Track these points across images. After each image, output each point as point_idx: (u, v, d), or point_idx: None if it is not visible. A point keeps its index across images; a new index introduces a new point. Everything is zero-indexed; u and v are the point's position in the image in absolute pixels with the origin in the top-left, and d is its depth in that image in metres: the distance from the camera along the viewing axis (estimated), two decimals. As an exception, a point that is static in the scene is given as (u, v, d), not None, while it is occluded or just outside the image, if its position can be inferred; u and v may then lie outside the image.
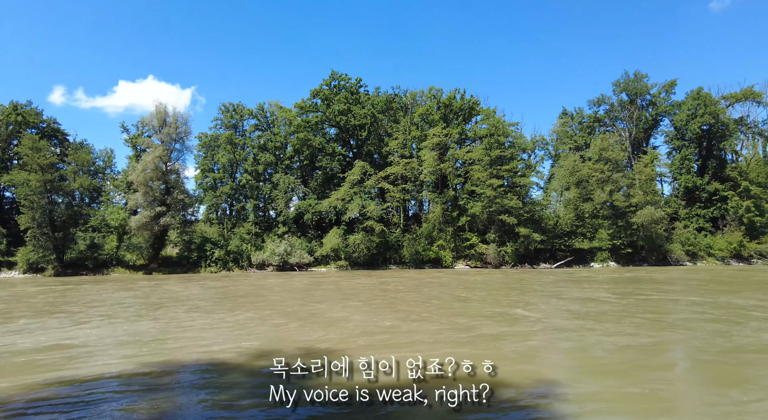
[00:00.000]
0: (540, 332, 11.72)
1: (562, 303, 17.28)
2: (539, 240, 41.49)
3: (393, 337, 11.07)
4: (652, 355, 9.28)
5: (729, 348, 9.59)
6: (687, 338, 10.69)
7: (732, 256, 43.83)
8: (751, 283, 24.96)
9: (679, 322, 12.85)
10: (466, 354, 9.01)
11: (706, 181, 47.85)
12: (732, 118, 50.96)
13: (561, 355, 9.43)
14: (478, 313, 14.71)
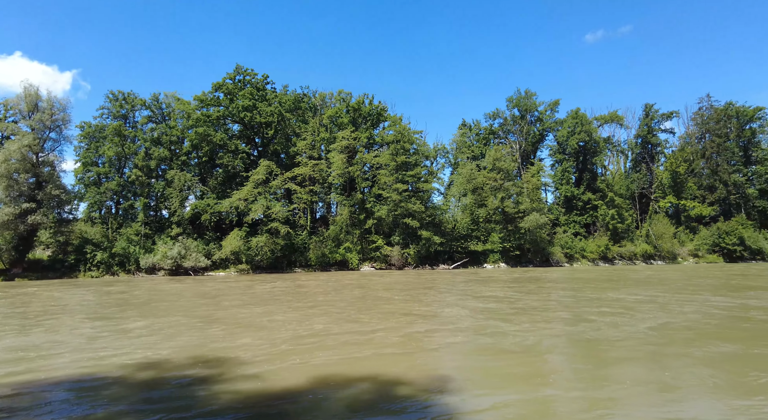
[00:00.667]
0: (467, 329, 12.37)
1: (479, 301, 18.48)
2: (439, 242, 43.68)
3: (323, 339, 10.99)
4: (566, 347, 10.26)
5: (623, 335, 10.96)
6: (594, 329, 11.99)
7: (600, 258, 50.11)
8: (628, 280, 28.68)
9: (586, 315, 14.31)
10: (394, 354, 9.21)
11: (582, 191, 54.17)
12: (602, 137, 58.44)
13: (481, 350, 9.95)
14: (409, 312, 15.20)
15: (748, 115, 58.46)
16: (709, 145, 58.12)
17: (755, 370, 8.15)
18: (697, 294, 20.10)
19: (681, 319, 13.45)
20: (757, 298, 18.34)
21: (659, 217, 53.38)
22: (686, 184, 55.52)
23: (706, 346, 10.14)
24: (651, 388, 7.33)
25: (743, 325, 12.54)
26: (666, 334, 11.45)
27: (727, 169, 56.49)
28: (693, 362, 8.84)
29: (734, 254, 50.11)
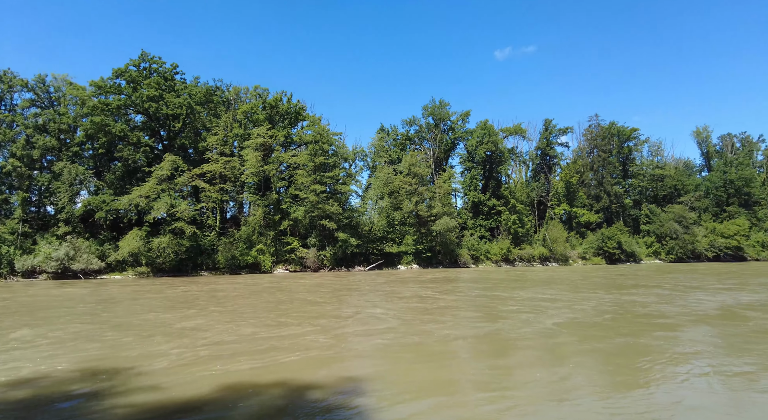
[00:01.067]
0: (394, 329, 12.54)
1: (404, 301, 18.99)
2: (356, 244, 44.01)
3: (250, 344, 10.48)
4: (489, 341, 10.77)
5: (538, 331, 11.82)
6: (510, 327, 12.75)
7: (502, 260, 53.88)
8: (532, 280, 31.03)
9: (502, 313, 15.19)
10: (320, 357, 9.03)
11: (488, 197, 57.88)
12: (507, 148, 63.00)
13: (405, 350, 10.11)
14: (338, 315, 15.14)
15: (626, 135, 66.76)
16: (597, 159, 65.33)
17: (644, 356, 9.40)
18: (593, 292, 22.52)
19: (583, 315, 15.05)
20: (639, 295, 21.04)
21: (554, 222, 58.78)
22: (577, 194, 61.82)
23: (607, 338, 11.48)
24: (556, 379, 8.11)
25: (632, 318, 14.32)
26: (572, 328, 12.75)
27: (610, 181, 63.91)
28: (597, 353, 9.92)
29: (614, 257, 56.77)
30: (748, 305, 17.02)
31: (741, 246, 59.47)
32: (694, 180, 68.58)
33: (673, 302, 18.06)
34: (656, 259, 59.41)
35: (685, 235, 58.64)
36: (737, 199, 64.84)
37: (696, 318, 14.21)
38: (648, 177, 66.16)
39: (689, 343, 10.73)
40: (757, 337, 11.35)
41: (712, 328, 12.53)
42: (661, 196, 65.89)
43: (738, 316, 14.67)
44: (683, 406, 6.75)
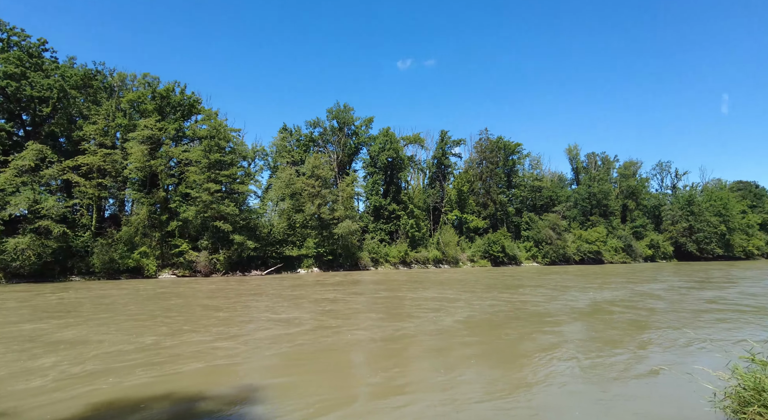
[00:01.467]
0: (310, 332, 12.20)
1: (315, 304, 18.65)
2: (253, 247, 42.31)
3: (151, 355, 9.47)
4: (396, 342, 10.90)
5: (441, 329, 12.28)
6: (416, 325, 13.05)
7: (400, 262, 55.88)
8: (432, 281, 32.39)
9: (412, 313, 15.49)
10: (225, 365, 8.39)
11: (388, 202, 59.65)
12: (407, 155, 65.61)
13: (315, 354, 9.86)
14: (247, 320, 14.45)
15: (511, 149, 73.59)
16: (485, 170, 70.98)
17: (533, 347, 10.40)
18: (488, 292, 24.36)
19: (481, 312, 16.27)
20: (527, 294, 23.23)
21: (447, 227, 62.53)
22: (468, 201, 66.54)
23: (504, 332, 12.50)
24: (453, 373, 8.63)
25: (526, 316, 15.77)
26: (473, 326, 13.69)
27: (496, 190, 69.85)
28: (495, 349, 10.73)
29: (498, 260, 62.10)
30: (611, 302, 19.88)
31: (600, 250, 68.93)
32: (565, 192, 77.89)
33: (556, 300, 20.40)
34: (534, 262, 66.22)
35: (557, 240, 66.31)
36: (598, 210, 75.06)
37: (576, 314, 16.23)
38: (528, 188, 73.59)
39: (570, 334, 12.29)
40: (621, 328, 13.33)
41: (587, 323, 14.41)
42: (539, 206, 73.72)
43: (605, 310, 17.07)
44: (567, 394, 7.71)
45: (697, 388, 6.67)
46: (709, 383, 6.23)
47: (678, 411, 6.53)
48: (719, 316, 15.31)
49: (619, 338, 11.80)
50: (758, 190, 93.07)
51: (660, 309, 17.31)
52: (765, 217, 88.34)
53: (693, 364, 8.00)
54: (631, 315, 15.79)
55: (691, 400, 6.75)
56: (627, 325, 13.64)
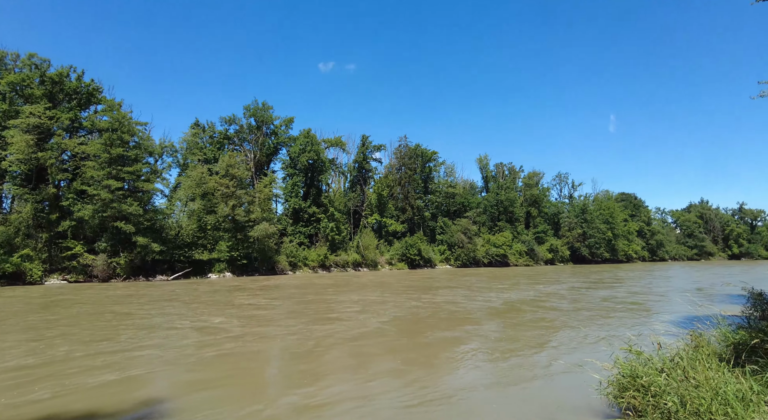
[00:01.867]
0: (239, 337, 11.36)
1: (240, 309, 17.87)
2: (159, 250, 39.14)
3: (60, 368, 8.31)
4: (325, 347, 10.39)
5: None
6: (347, 328, 12.59)
7: (319, 266, 55.11)
8: (356, 284, 32.10)
9: (341, 315, 14.99)
10: (138, 376, 7.34)
11: (308, 204, 58.63)
12: (328, 158, 65.10)
13: (250, 358, 9.12)
14: (169, 326, 13.54)
15: (428, 156, 76.37)
16: (404, 175, 72.79)
17: (459, 346, 10.65)
18: (408, 293, 24.85)
19: (407, 313, 16.57)
20: (448, 295, 24.03)
21: (367, 231, 63.04)
22: (387, 205, 67.72)
23: (429, 331, 12.69)
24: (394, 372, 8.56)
25: (448, 315, 16.19)
26: (402, 325, 13.79)
27: (413, 195, 71.93)
28: (423, 345, 10.81)
29: (414, 262, 63.87)
30: (522, 301, 21.36)
31: (506, 254, 73.88)
32: (476, 199, 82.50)
33: (474, 300, 21.41)
34: (447, 264, 69.11)
35: (468, 244, 69.90)
36: (505, 216, 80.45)
37: (492, 313, 17.13)
38: (443, 194, 76.79)
39: (484, 332, 12.89)
40: (529, 327, 14.27)
41: (501, 321, 15.25)
42: (453, 211, 77.23)
43: (517, 309, 18.25)
44: (484, 385, 8.03)
45: (587, 379, 7.36)
46: (596, 373, 6.89)
47: (569, 399, 7.27)
48: (610, 313, 17.14)
49: (525, 335, 12.68)
50: (637, 201, 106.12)
51: (563, 308, 18.95)
52: (642, 225, 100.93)
53: (585, 357, 8.77)
54: (539, 314, 17.08)
55: (581, 389, 7.45)
56: (534, 323, 14.72)
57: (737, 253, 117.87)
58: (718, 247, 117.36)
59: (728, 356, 6.22)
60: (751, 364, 5.82)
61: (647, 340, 8.27)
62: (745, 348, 6.38)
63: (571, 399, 7.21)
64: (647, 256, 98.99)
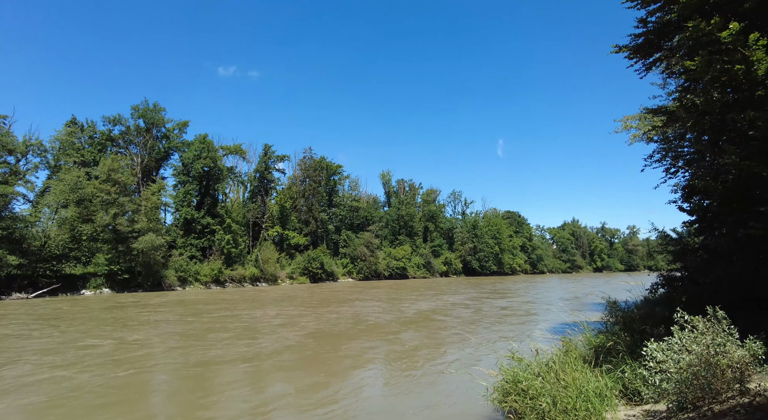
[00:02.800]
0: (166, 355, 9.67)
1: (153, 326, 16.34)
2: (17, 264, 33.76)
3: None
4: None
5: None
6: (264, 344, 11.63)
7: (213, 281, 51.76)
8: (265, 300, 30.34)
9: (263, 330, 13.80)
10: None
11: (202, 215, 55.02)
12: (226, 166, 62.03)
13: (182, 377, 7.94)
14: (83, 345, 12.42)
15: (333, 169, 76.64)
16: (308, 187, 72.02)
17: (348, 356, 10.62)
18: (327, 306, 24.60)
19: (328, 326, 16.34)
20: (361, 307, 23.85)
21: (267, 244, 60.91)
22: (290, 218, 66.26)
23: (354, 343, 12.50)
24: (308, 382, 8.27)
25: (367, 326, 16.10)
26: (325, 338, 13.44)
27: (317, 208, 71.41)
28: (329, 356, 10.60)
29: (317, 276, 63.09)
30: (433, 311, 22.33)
31: (406, 267, 76.43)
32: (379, 213, 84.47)
33: (388, 311, 21.88)
34: (349, 277, 69.37)
35: (371, 257, 71.01)
36: (405, 230, 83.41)
37: (407, 321, 17.60)
38: (347, 207, 77.40)
39: (409, 341, 13.20)
40: (432, 336, 14.86)
41: (420, 328, 15.74)
42: (356, 224, 78.08)
43: (430, 318, 19.06)
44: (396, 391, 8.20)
45: (475, 386, 7.87)
46: (483, 380, 7.41)
47: (459, 406, 7.85)
48: (505, 320, 18.64)
49: (427, 344, 13.24)
50: (520, 218, 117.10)
51: (467, 317, 20.26)
52: (524, 240, 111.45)
53: (479, 364, 9.47)
54: (445, 322, 18.02)
55: (470, 396, 8.01)
56: (437, 332, 15.48)
57: (600, 266, 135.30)
58: (585, 261, 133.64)
59: (590, 358, 7.15)
60: (607, 364, 6.77)
61: (529, 347, 9.15)
62: (603, 350, 7.39)
63: (461, 405, 7.68)
64: (529, 269, 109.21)
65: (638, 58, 13.97)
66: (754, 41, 7.84)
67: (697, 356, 4.66)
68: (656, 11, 12.80)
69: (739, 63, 8.05)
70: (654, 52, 13.71)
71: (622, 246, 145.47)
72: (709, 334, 4.92)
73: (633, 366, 6.44)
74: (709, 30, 9.12)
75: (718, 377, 4.52)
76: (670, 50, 13.14)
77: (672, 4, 11.85)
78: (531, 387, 6.07)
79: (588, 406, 5.41)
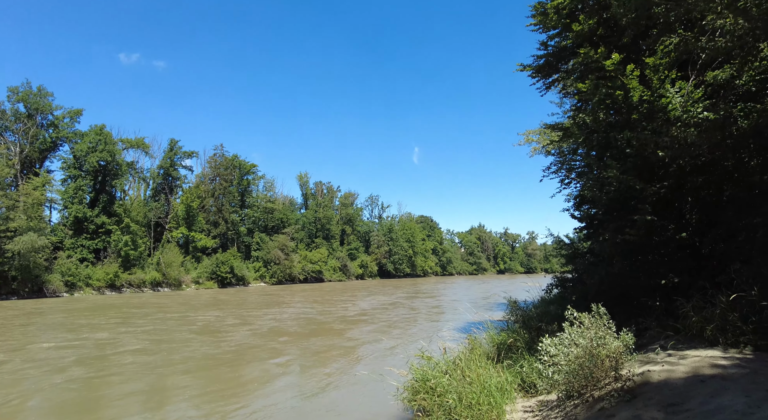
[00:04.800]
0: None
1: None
2: None
3: None
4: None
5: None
6: (192, 350, 10.38)
7: (107, 286, 46.95)
8: (178, 305, 27.73)
9: (179, 339, 12.32)
10: None
11: (96, 213, 49.73)
12: (126, 161, 56.77)
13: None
14: None
15: (247, 169, 73.65)
16: (218, 187, 68.41)
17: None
18: (256, 311, 23.47)
19: (264, 328, 15.54)
20: (305, 309, 22.96)
21: (171, 246, 56.72)
22: (197, 218, 62.34)
23: (267, 350, 11.79)
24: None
25: (316, 327, 15.41)
26: (260, 341, 12.55)
27: (228, 209, 68.08)
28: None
29: (225, 281, 60.01)
30: (353, 315, 22.19)
31: (322, 270, 75.67)
32: (295, 215, 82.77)
33: (328, 313, 21.61)
34: (261, 282, 66.96)
35: (285, 260, 69.23)
36: (322, 233, 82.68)
37: (350, 321, 17.36)
38: (261, 209, 74.78)
39: (321, 346, 12.94)
40: (363, 334, 14.85)
41: (333, 334, 15.52)
42: (271, 227, 75.68)
43: (347, 321, 18.92)
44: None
45: (387, 386, 8.01)
46: (394, 380, 7.57)
47: (370, 407, 7.99)
48: (416, 321, 19.18)
49: (341, 347, 13.23)
50: (432, 223, 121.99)
51: (384, 318, 20.44)
52: (435, 244, 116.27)
53: (386, 365, 9.68)
54: (363, 324, 18.03)
55: (381, 396, 8.17)
56: (353, 336, 15.46)
57: (503, 268, 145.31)
58: (490, 263, 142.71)
59: (493, 355, 7.67)
60: (508, 360, 7.31)
61: (438, 346, 9.56)
62: (504, 347, 7.98)
63: (372, 406, 7.79)
64: (439, 271, 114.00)
65: (539, 78, 15.29)
66: (631, 71, 9.01)
67: (583, 349, 5.22)
68: (555, 36, 14.15)
69: (619, 89, 9.20)
70: (553, 73, 15.11)
71: (523, 250, 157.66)
72: (593, 329, 5.53)
73: (530, 361, 7.02)
74: (596, 58, 10.27)
75: (598, 366, 5.11)
76: (566, 72, 14.57)
77: (568, 31, 13.18)
78: (439, 384, 6.34)
79: (490, 401, 5.79)
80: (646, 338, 7.78)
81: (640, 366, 5.59)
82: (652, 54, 9.44)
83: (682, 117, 8.32)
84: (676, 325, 7.02)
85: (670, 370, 5.19)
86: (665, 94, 8.78)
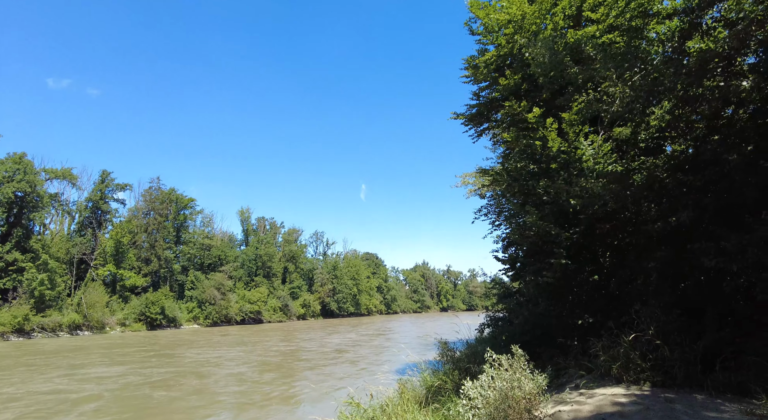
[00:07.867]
0: None
1: None
2: None
3: None
4: None
5: None
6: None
7: (14, 331, 42.09)
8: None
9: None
10: None
11: (7, 249, 45.22)
12: (48, 192, 52.70)
13: None
14: None
15: (184, 203, 70.69)
16: (152, 221, 64.92)
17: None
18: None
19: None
20: (258, 347, 21.47)
21: (95, 285, 52.43)
22: (127, 255, 58.39)
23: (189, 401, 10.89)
24: None
25: (285, 361, 14.34)
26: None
27: (162, 245, 64.42)
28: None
29: (155, 322, 55.87)
30: (290, 352, 21.23)
31: (261, 310, 72.52)
32: (234, 252, 79.63)
33: (264, 356, 20.24)
34: (195, 323, 62.95)
35: (222, 300, 65.79)
36: (263, 271, 79.91)
37: (286, 366, 16.32)
38: (198, 245, 71.44)
39: (257, 391, 12.17)
40: (296, 379, 14.20)
41: (300, 371, 14.72)
42: (207, 264, 72.21)
43: (282, 365, 17.98)
44: None
45: None
46: None
47: None
48: (351, 363, 18.77)
49: (276, 390, 12.66)
50: (378, 260, 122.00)
51: (317, 362, 19.81)
52: (380, 281, 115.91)
53: (315, 412, 9.35)
54: (295, 368, 17.35)
55: None
56: (287, 379, 14.83)
57: (446, 306, 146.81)
58: (433, 301, 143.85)
59: (422, 398, 7.70)
60: (436, 403, 7.36)
61: (374, 389, 9.41)
62: (432, 389, 8.04)
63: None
64: (384, 309, 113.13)
65: (472, 126, 16.28)
66: (550, 124, 9.89)
67: (499, 391, 5.41)
68: (485, 88, 15.26)
69: (539, 140, 10.03)
70: (484, 122, 16.15)
71: (465, 287, 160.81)
72: (511, 371, 5.76)
73: (456, 403, 7.12)
74: (519, 111, 11.18)
75: (513, 408, 5.30)
76: (496, 122, 15.66)
77: (496, 84, 14.30)
78: (365, 432, 6.26)
79: (415, 445, 5.78)
80: (565, 377, 8.12)
81: (553, 406, 5.85)
82: (569, 110, 10.45)
83: (595, 168, 9.19)
84: (589, 364, 7.44)
85: (578, 409, 5.48)
86: (579, 146, 9.68)
